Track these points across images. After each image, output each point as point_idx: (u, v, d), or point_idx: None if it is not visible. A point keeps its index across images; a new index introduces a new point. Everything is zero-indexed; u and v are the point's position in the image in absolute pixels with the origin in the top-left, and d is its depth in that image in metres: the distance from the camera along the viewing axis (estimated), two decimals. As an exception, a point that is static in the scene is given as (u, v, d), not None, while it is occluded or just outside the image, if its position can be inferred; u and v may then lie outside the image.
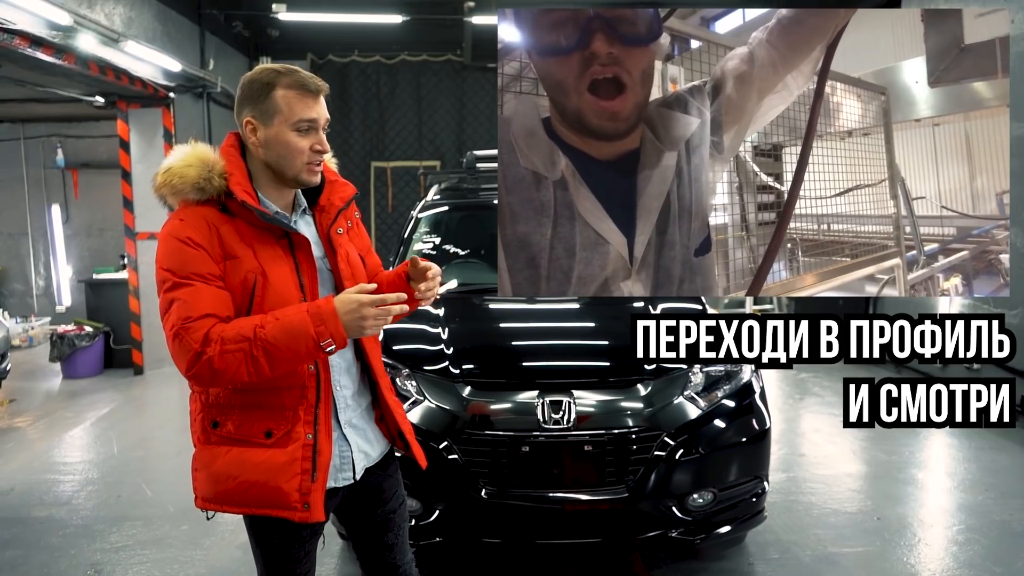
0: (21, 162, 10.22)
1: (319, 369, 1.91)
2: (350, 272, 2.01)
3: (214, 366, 1.73)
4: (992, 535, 3.93)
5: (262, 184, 1.94)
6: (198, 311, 1.76)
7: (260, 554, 2.03)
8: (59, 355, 7.72)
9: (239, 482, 1.88)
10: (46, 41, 5.57)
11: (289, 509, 1.88)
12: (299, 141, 1.88)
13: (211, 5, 8.85)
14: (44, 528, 4.16)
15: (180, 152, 1.90)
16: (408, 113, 11.12)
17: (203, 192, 1.85)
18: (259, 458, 1.88)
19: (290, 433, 1.88)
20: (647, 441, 3.11)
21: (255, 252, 1.86)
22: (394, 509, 2.18)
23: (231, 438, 1.90)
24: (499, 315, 3.89)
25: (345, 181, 2.13)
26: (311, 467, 1.89)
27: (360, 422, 2.06)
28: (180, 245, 1.81)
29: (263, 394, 1.88)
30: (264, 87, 1.86)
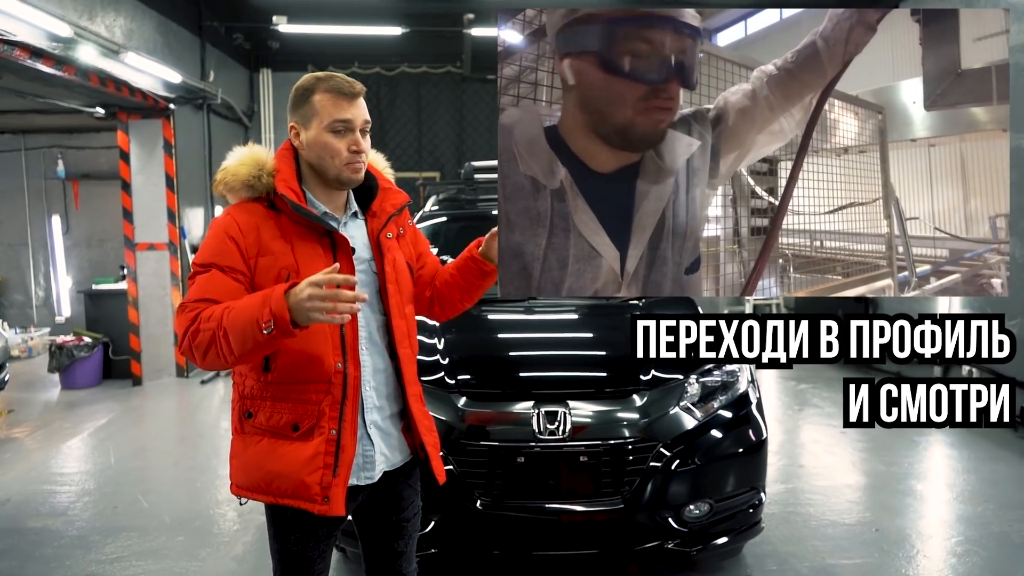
0: (22, 173, 10.25)
1: (347, 366, 1.96)
2: (395, 276, 2.08)
3: (192, 344, 1.83)
4: (991, 547, 3.91)
5: (312, 186, 2.03)
6: (201, 294, 1.88)
7: (277, 548, 2.08)
8: (58, 366, 7.72)
9: (266, 471, 1.96)
10: (46, 52, 5.60)
11: (309, 501, 1.93)
12: (335, 142, 1.96)
13: (212, 17, 8.89)
14: (39, 539, 4.15)
15: (238, 153, 2.04)
16: (408, 124, 11.16)
17: (253, 189, 1.99)
18: (285, 450, 1.94)
19: (315, 427, 1.94)
20: (643, 452, 3.11)
21: (293, 248, 1.95)
22: (408, 518, 2.23)
23: (262, 429, 1.98)
24: (496, 326, 3.89)
25: (399, 190, 2.21)
26: (333, 462, 1.93)
27: (386, 425, 2.09)
28: (216, 236, 1.95)
29: (291, 387, 1.95)
30: (304, 92, 1.98)
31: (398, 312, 2.08)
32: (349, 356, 1.97)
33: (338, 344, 1.96)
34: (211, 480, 5.03)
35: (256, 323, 1.73)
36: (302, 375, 1.94)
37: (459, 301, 2.30)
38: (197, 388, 7.77)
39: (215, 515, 4.42)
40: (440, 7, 9.62)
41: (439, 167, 11.17)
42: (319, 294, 1.69)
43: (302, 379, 1.94)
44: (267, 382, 1.96)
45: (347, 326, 1.97)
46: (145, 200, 7.98)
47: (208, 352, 1.81)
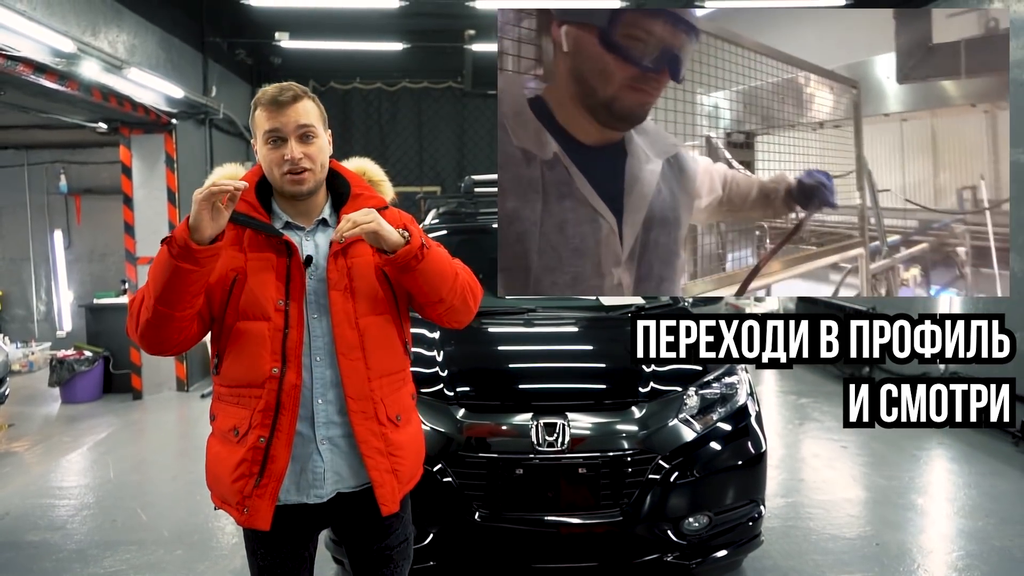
0: (24, 188, 10.27)
1: (286, 372, 1.89)
2: (345, 283, 1.96)
3: (131, 313, 1.89)
4: (992, 561, 3.89)
5: (278, 198, 2.03)
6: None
7: (251, 562, 2.09)
8: (58, 380, 7.71)
9: (210, 474, 2.02)
10: (50, 68, 5.64)
11: (235, 509, 1.93)
12: (271, 154, 1.92)
13: (214, 33, 8.96)
14: (38, 553, 4.14)
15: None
16: (409, 139, 11.22)
17: None
18: (224, 454, 1.96)
19: (247, 433, 1.91)
20: (642, 464, 3.10)
21: (247, 256, 1.94)
22: (393, 546, 2.14)
23: (217, 432, 2.00)
24: (495, 338, 3.89)
25: (374, 195, 2.10)
26: (259, 471, 1.89)
27: (344, 444, 1.99)
28: None
29: (232, 391, 1.96)
30: (252, 110, 1.97)
31: (345, 320, 1.94)
32: (290, 363, 1.89)
33: (278, 349, 1.89)
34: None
35: (164, 253, 1.75)
36: (240, 377, 1.92)
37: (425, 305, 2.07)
38: (197, 402, 7.76)
39: (214, 529, 4.40)
40: (441, 23, 9.68)
41: (440, 181, 11.21)
42: (204, 188, 1.74)
43: (240, 382, 1.93)
44: (219, 383, 1.99)
45: (292, 332, 1.90)
46: (147, 214, 8.01)
47: (140, 313, 1.84)
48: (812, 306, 8.64)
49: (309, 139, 1.92)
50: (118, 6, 6.72)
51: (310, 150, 1.92)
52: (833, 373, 8.37)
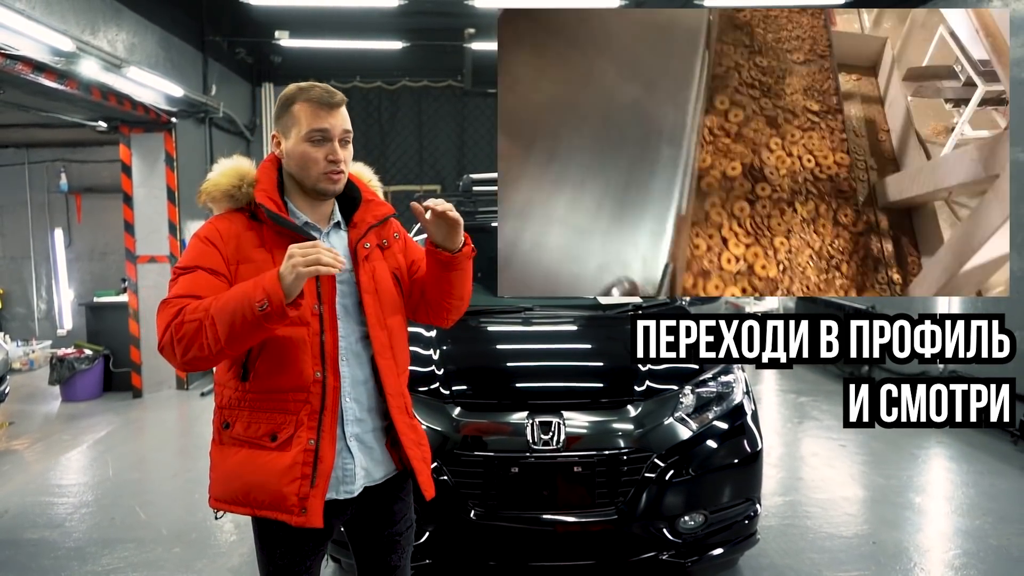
0: (25, 187, 10.29)
1: (326, 376, 1.94)
2: (373, 287, 2.04)
3: (174, 336, 1.80)
4: (989, 560, 3.89)
5: (293, 197, 2.04)
6: (186, 291, 1.87)
7: (263, 562, 2.07)
8: (58, 378, 7.72)
9: (243, 482, 1.94)
10: (49, 67, 5.65)
11: (287, 512, 1.91)
12: (313, 151, 1.95)
13: (214, 32, 8.96)
14: (37, 551, 4.15)
15: (222, 164, 2.06)
16: (409, 138, 11.22)
17: (235, 200, 2.01)
18: (262, 460, 1.93)
19: (293, 437, 1.92)
20: (637, 463, 3.11)
21: (274, 258, 1.93)
22: (401, 532, 2.20)
23: (240, 439, 1.96)
24: (491, 337, 3.89)
25: (383, 202, 2.18)
26: (311, 472, 1.91)
27: (369, 439, 2.06)
28: (197, 242, 1.97)
29: (270, 396, 1.94)
30: (286, 102, 2.00)
31: (377, 323, 2.04)
32: (328, 366, 1.94)
33: (317, 353, 1.93)
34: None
35: (249, 303, 1.72)
36: (280, 384, 1.92)
37: (442, 300, 2.18)
38: (197, 400, 7.78)
39: (212, 527, 4.41)
40: (441, 22, 9.69)
41: (440, 180, 11.21)
42: (302, 252, 1.72)
43: (280, 388, 1.92)
44: (245, 391, 1.95)
45: (327, 335, 1.95)
46: (146, 213, 8.02)
47: (192, 344, 1.78)
48: (812, 305, 8.64)
49: (347, 144, 2.00)
50: (117, 5, 6.73)
51: (347, 154, 2.01)
52: (833, 372, 8.37)
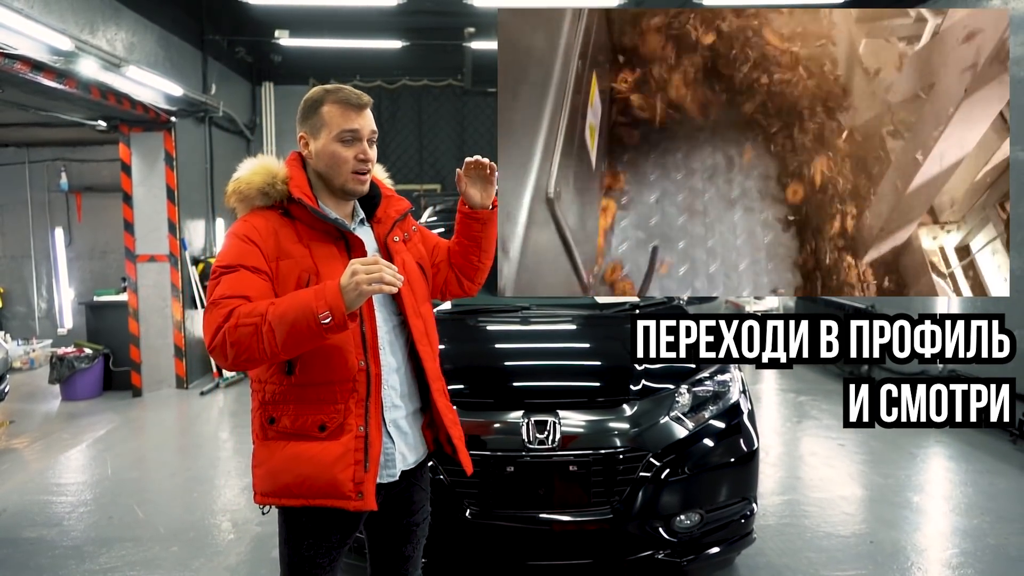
0: (25, 186, 10.30)
1: (369, 364, 2.00)
2: (406, 277, 2.08)
3: (227, 339, 1.84)
4: (987, 559, 3.89)
5: (320, 195, 2.10)
6: (233, 291, 1.90)
7: (287, 553, 2.10)
8: (58, 377, 7.73)
9: (295, 475, 1.97)
10: (47, 66, 5.65)
11: (344, 499, 1.96)
12: (343, 151, 2.02)
13: (214, 31, 8.96)
14: (34, 549, 4.16)
15: (248, 164, 2.10)
16: (409, 137, 11.22)
17: (268, 197, 2.05)
18: (314, 451, 1.97)
19: (343, 425, 1.97)
20: (633, 462, 3.11)
21: (311, 252, 2.00)
22: (418, 523, 2.27)
23: (287, 433, 2.00)
24: (488, 336, 3.89)
25: (401, 197, 2.28)
26: (363, 458, 1.98)
27: (405, 424, 2.14)
28: (237, 241, 2.00)
29: (315, 389, 1.98)
30: (314, 103, 2.04)
31: (413, 312, 2.12)
32: (371, 354, 2.01)
33: (359, 343, 1.99)
34: (208, 491, 5.03)
35: (312, 313, 1.77)
36: (327, 375, 1.97)
37: (477, 261, 2.36)
38: (196, 399, 7.78)
39: (210, 525, 4.42)
40: (440, 21, 9.67)
41: (440, 179, 11.21)
42: (365, 269, 1.77)
43: (327, 379, 1.97)
44: (291, 384, 1.99)
45: (367, 325, 2.01)
46: (146, 212, 8.02)
47: (247, 348, 1.82)
48: (812, 305, 8.63)
49: (373, 144, 2.09)
50: (117, 4, 6.73)
51: (374, 154, 2.09)
52: (833, 371, 8.37)
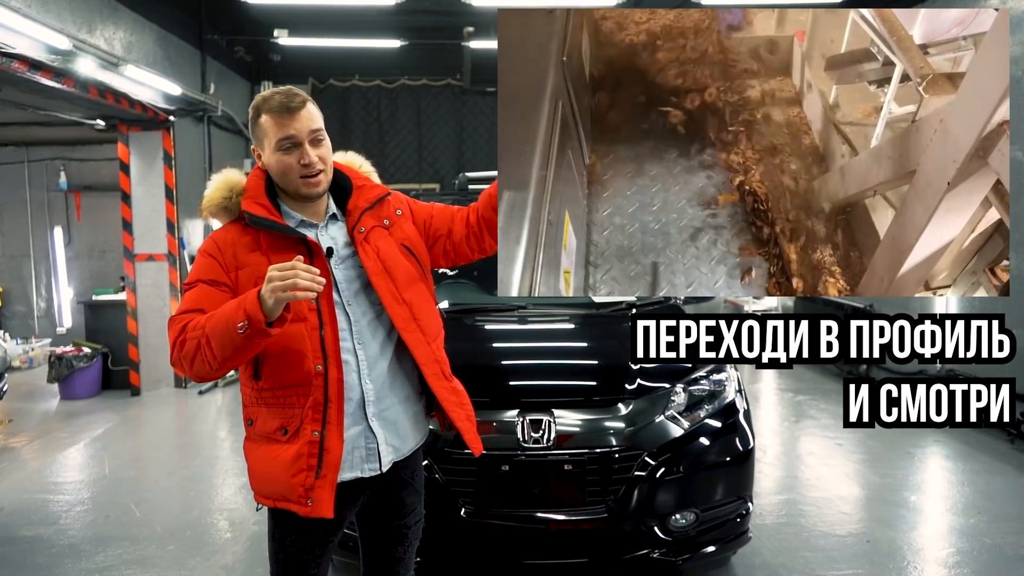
0: (25, 185, 10.29)
1: (328, 368, 1.97)
2: (380, 267, 2.07)
3: (180, 354, 1.90)
4: (983, 559, 3.89)
5: (285, 199, 2.09)
6: (190, 306, 1.95)
7: (274, 550, 2.13)
8: (57, 376, 7.73)
9: (262, 476, 2.03)
10: (45, 65, 5.65)
11: (296, 503, 1.97)
12: (286, 159, 1.99)
13: (213, 30, 8.96)
14: (31, 548, 4.16)
15: (213, 180, 2.12)
16: (408, 136, 11.22)
17: (229, 211, 2.08)
18: (274, 454, 1.99)
19: (299, 430, 1.97)
20: (628, 461, 3.10)
21: (269, 259, 1.96)
22: (409, 525, 2.26)
23: (260, 434, 2.04)
24: (485, 334, 3.89)
25: (375, 184, 2.22)
26: (316, 464, 1.95)
27: (393, 415, 2.11)
28: (199, 257, 2.05)
29: (277, 392, 1.99)
30: (254, 115, 2.03)
31: (393, 300, 2.08)
32: (330, 358, 1.98)
33: (318, 347, 1.97)
34: (205, 490, 5.03)
35: (232, 324, 1.77)
36: (285, 379, 1.97)
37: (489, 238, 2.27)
38: (195, 398, 7.78)
39: (206, 524, 4.42)
40: (439, 20, 9.68)
41: (439, 179, 11.21)
42: (279, 275, 1.73)
43: (285, 384, 1.98)
44: (259, 389, 2.01)
45: (326, 328, 1.98)
46: (144, 211, 8.02)
47: (195, 360, 1.86)
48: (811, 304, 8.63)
49: (319, 142, 2.02)
50: (115, 3, 6.74)
51: (321, 152, 2.02)
52: (831, 371, 8.36)
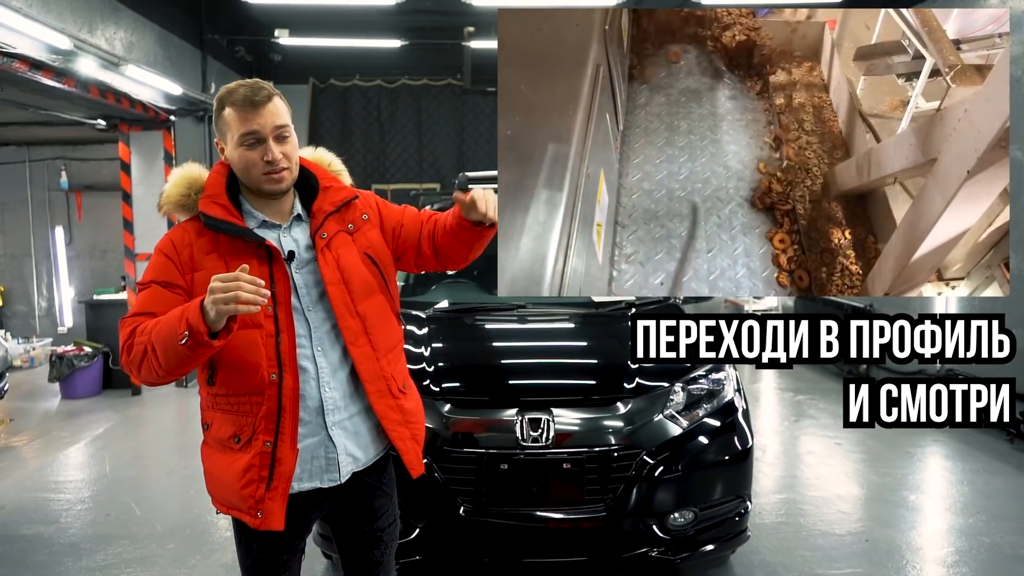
0: (26, 184, 10.31)
1: (283, 377, 1.91)
2: (338, 276, 2.00)
3: (128, 357, 1.84)
4: (981, 558, 3.89)
5: (249, 197, 2.02)
6: (142, 309, 1.89)
7: (242, 556, 2.09)
8: (58, 375, 7.74)
9: (216, 482, 2.00)
10: (46, 65, 5.66)
11: (246, 514, 1.93)
12: (249, 154, 1.92)
13: (213, 30, 8.98)
14: (31, 546, 4.17)
15: (173, 174, 2.06)
16: (408, 136, 11.23)
17: (187, 209, 2.01)
18: (229, 461, 1.96)
19: (252, 439, 1.92)
20: (626, 459, 3.11)
21: (227, 263, 1.90)
22: (383, 527, 2.19)
23: (215, 440, 2.00)
24: (484, 334, 3.90)
25: (343, 186, 2.14)
26: (268, 475, 1.91)
27: (353, 424, 2.05)
28: (154, 256, 1.98)
29: (231, 399, 1.94)
30: (219, 108, 1.95)
31: (347, 311, 2.00)
32: (286, 367, 1.91)
33: (273, 354, 1.91)
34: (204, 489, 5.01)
35: (175, 334, 1.70)
36: (238, 387, 1.92)
37: (458, 255, 2.17)
38: (195, 398, 7.72)
39: (207, 523, 4.43)
40: (439, 20, 9.69)
41: (440, 178, 11.22)
42: (221, 287, 1.66)
43: (239, 391, 1.92)
44: (214, 394, 1.96)
45: (283, 336, 1.92)
46: (145, 211, 8.03)
47: (142, 367, 1.80)
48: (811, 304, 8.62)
49: (284, 138, 1.94)
50: (115, 3, 6.75)
51: (286, 149, 1.94)
52: (832, 371, 8.36)
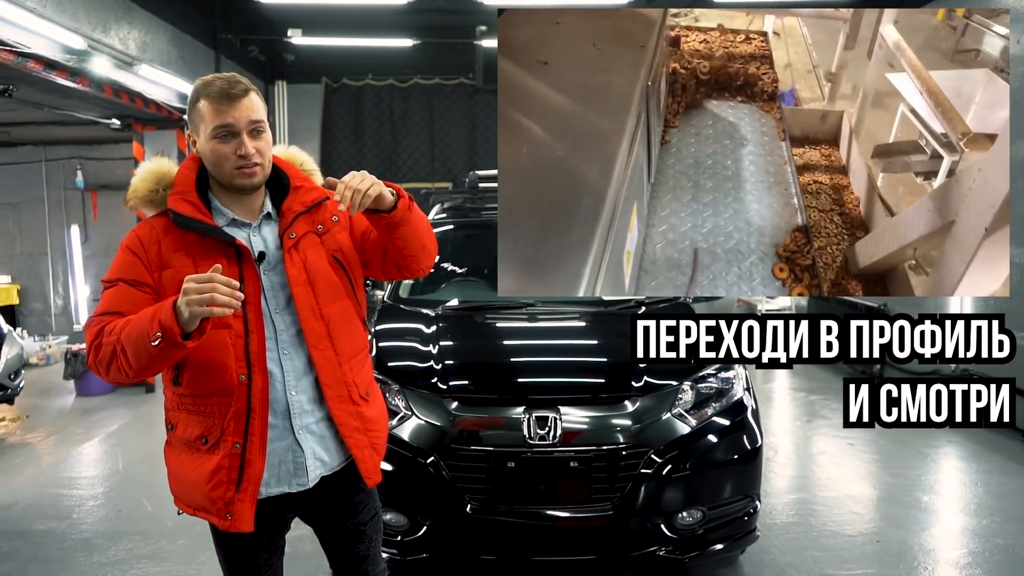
0: (42, 184, 10.43)
1: (252, 377, 1.88)
2: (304, 278, 1.96)
3: (96, 358, 1.81)
4: (995, 560, 3.85)
5: (219, 193, 1.98)
6: (109, 307, 1.86)
7: (222, 558, 2.06)
8: (73, 373, 7.80)
9: (181, 483, 1.96)
10: (60, 64, 5.71)
11: (216, 516, 1.90)
12: (221, 148, 1.88)
13: (227, 30, 9.02)
14: (44, 541, 4.20)
15: (141, 168, 2.01)
16: (420, 135, 11.24)
17: (155, 204, 1.97)
18: (196, 463, 1.91)
19: (220, 440, 1.89)
20: (634, 458, 3.10)
21: (195, 262, 1.87)
22: (365, 521, 2.16)
23: (180, 441, 1.96)
24: (491, 332, 3.90)
25: (314, 186, 2.09)
26: (237, 477, 1.88)
27: (321, 429, 2.01)
28: (120, 253, 1.93)
29: (199, 400, 1.90)
30: (193, 99, 1.91)
31: (312, 314, 1.96)
32: (255, 368, 1.88)
33: (242, 355, 1.88)
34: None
35: (146, 335, 1.68)
36: (206, 387, 1.88)
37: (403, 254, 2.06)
38: (208, 396, 7.83)
39: (217, 520, 4.45)
40: (451, 19, 9.70)
41: (451, 178, 11.22)
42: (195, 288, 1.63)
43: (207, 391, 1.89)
44: (180, 395, 1.93)
45: (252, 336, 1.89)
46: (159, 209, 8.08)
47: (111, 368, 1.78)
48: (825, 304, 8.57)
49: (259, 134, 1.91)
50: (129, 3, 6.80)
51: (260, 144, 1.91)
52: (845, 371, 8.31)
